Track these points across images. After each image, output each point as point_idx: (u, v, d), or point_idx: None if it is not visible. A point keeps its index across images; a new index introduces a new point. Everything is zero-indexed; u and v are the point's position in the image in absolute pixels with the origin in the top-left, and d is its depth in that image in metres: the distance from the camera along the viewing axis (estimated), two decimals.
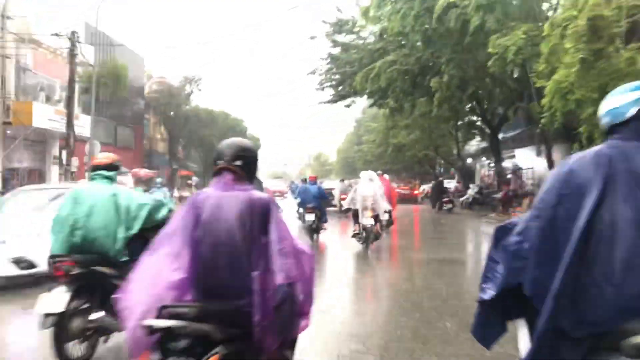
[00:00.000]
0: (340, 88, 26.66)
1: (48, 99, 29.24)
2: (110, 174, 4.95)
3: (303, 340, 3.29)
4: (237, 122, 58.26)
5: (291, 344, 3.05)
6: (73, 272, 4.47)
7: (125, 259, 4.64)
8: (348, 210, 13.21)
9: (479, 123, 28.23)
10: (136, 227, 4.74)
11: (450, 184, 45.19)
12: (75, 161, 24.89)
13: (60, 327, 4.31)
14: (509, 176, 28.02)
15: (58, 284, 4.46)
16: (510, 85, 20.11)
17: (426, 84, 21.26)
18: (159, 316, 2.61)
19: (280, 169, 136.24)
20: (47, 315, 4.23)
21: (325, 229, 14.20)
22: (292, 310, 2.81)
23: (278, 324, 2.72)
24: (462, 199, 29.34)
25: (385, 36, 22.59)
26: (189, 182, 33.28)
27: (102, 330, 4.65)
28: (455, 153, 38.17)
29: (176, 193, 38.79)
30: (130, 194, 4.94)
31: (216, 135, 53.22)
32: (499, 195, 25.21)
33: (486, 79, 20.73)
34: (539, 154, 28.73)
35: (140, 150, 46.07)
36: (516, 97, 21.22)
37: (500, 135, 27.76)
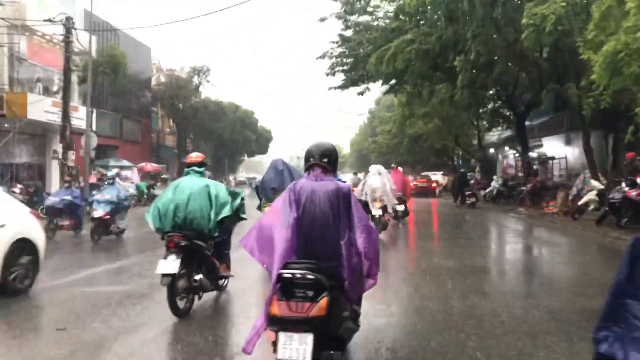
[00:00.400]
0: (352, 73, 24.66)
1: (46, 90, 27.80)
2: (201, 169, 6.43)
3: None
4: (248, 114, 56.71)
5: (359, 301, 4.40)
6: (182, 244, 5.86)
7: (216, 234, 6.25)
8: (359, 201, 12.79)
9: (502, 110, 26.10)
10: (224, 213, 6.15)
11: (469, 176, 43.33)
12: (72, 155, 23.30)
13: (173, 285, 5.69)
14: (535, 167, 26.01)
15: (169, 252, 5.83)
16: (542, 65, 18.12)
17: (448, 65, 19.39)
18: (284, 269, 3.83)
19: (293, 163, 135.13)
20: (165, 275, 5.62)
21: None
22: (364, 272, 4.08)
23: (357, 280, 4.02)
24: (485, 191, 27.37)
25: (401, 16, 20.68)
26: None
27: (199, 289, 6.17)
28: (476, 143, 36.21)
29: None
30: (218, 185, 6.37)
31: (226, 127, 51.87)
32: (527, 187, 23.24)
33: (513, 60, 18.84)
34: (568, 142, 26.68)
35: (147, 144, 44.68)
36: (547, 79, 19.22)
37: (526, 123, 25.70)
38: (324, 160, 4.24)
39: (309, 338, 3.64)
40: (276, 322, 3.72)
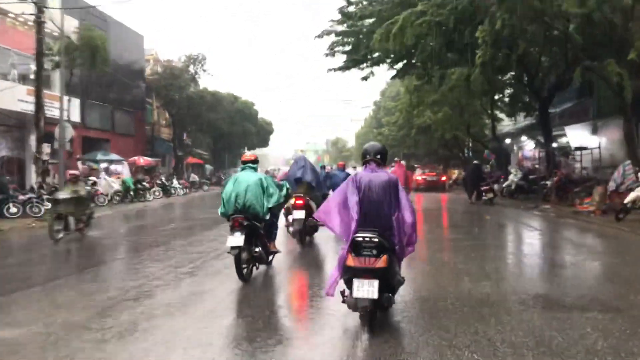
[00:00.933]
0: (354, 53, 22.00)
1: (24, 78, 25.54)
2: (255, 165, 8.26)
3: None
4: (247, 105, 54.34)
5: (400, 260, 5.73)
6: (244, 224, 7.55)
7: (267, 217, 7.99)
8: None
9: (522, 96, 23.46)
10: (273, 201, 7.92)
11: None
12: (47, 148, 21.01)
13: (239, 256, 7.41)
14: (558, 159, 23.51)
15: (234, 230, 7.49)
16: (573, 38, 15.64)
17: (464, 41, 16.92)
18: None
19: (296, 156, 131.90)
20: (233, 247, 7.36)
21: None
22: (409, 240, 5.57)
23: (404, 245, 5.51)
24: (503, 185, 24.90)
25: None
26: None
27: (258, 260, 7.98)
28: (489, 133, 33.73)
29: (176, 184, 34.63)
30: (268, 179, 8.11)
31: (225, 119, 49.58)
32: (551, 181, 20.78)
33: (540, 32, 16.38)
34: (594, 131, 24.17)
35: (141, 137, 42.41)
36: (577, 57, 16.76)
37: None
38: (377, 157, 5.76)
39: (375, 283, 5.18)
40: (351, 271, 5.29)
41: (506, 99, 27.61)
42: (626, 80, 13.99)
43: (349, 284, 5.33)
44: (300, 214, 10.81)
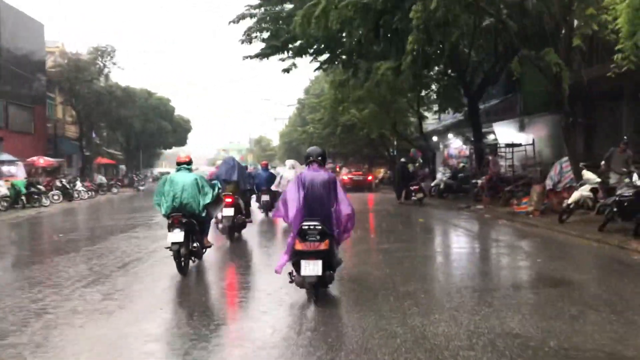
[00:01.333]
0: (274, 40, 19.95)
1: None
2: (189, 166, 8.76)
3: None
4: (163, 101, 51.14)
5: (338, 245, 6.81)
6: (183, 221, 8.04)
7: (203, 214, 8.48)
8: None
9: (452, 92, 22.38)
10: (207, 199, 8.40)
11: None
12: None
13: (179, 251, 7.93)
14: (487, 157, 22.64)
15: (174, 227, 7.96)
16: (509, 26, 14.51)
17: (395, 26, 15.48)
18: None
19: (219, 155, 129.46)
20: (173, 243, 7.90)
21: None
22: (345, 228, 6.67)
23: (341, 232, 6.63)
24: (431, 185, 23.84)
25: None
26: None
27: (194, 254, 8.57)
28: (415, 131, 32.84)
29: (79, 186, 31.23)
30: (202, 179, 8.67)
31: (138, 115, 46.34)
32: (481, 180, 19.81)
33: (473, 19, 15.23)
34: (522, 127, 23.62)
35: (42, 135, 38.42)
36: (507, 50, 15.80)
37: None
38: (318, 158, 6.87)
39: (319, 262, 6.30)
40: (299, 254, 6.38)
41: (433, 96, 26.59)
42: (564, 71, 12.95)
43: (297, 266, 6.45)
44: (229, 212, 11.53)
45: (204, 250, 8.97)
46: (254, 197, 16.80)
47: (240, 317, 6.27)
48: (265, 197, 16.63)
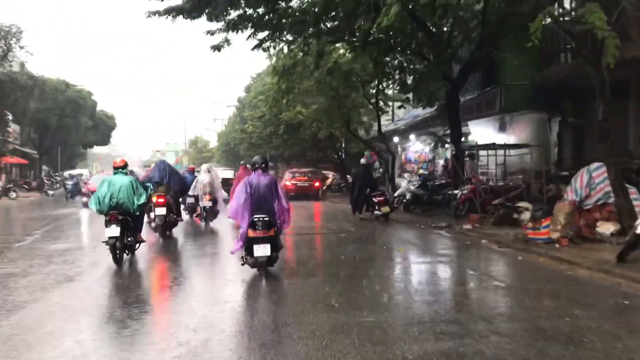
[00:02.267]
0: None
1: None
2: (125, 170, 9.86)
3: None
4: (82, 94, 44.79)
5: (280, 233, 8.66)
6: (119, 218, 9.13)
7: (137, 213, 9.70)
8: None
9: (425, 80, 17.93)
10: (141, 200, 9.59)
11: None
12: None
13: (115, 245, 9.00)
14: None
15: (110, 223, 9.07)
16: None
17: None
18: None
19: (154, 157, 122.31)
20: (110, 237, 8.95)
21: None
22: (284, 220, 8.66)
23: (282, 222, 8.64)
24: (394, 195, 19.54)
25: None
26: None
27: (129, 247, 9.64)
28: (366, 132, 28.66)
29: None
30: (137, 181, 9.96)
31: (52, 109, 40.16)
32: (463, 191, 15.65)
33: None
34: (502, 127, 19.80)
35: None
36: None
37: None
38: (262, 165, 8.76)
39: (268, 245, 8.11)
40: (251, 240, 8.12)
41: (392, 87, 22.32)
42: (612, 38, 8.82)
43: (249, 251, 8.23)
44: (161, 211, 12.67)
45: (137, 245, 10.01)
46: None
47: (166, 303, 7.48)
48: (190, 200, 16.85)
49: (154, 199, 12.18)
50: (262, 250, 8.05)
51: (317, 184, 30.51)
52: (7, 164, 43.65)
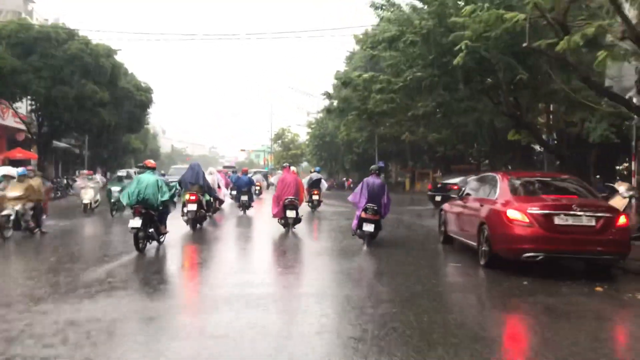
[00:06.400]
0: None
1: None
2: (154, 170, 11.00)
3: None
4: (95, 51, 27.75)
5: (382, 218, 11.90)
6: (142, 211, 10.11)
7: (161, 208, 10.59)
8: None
9: None
10: (164, 197, 10.48)
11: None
12: None
13: (137, 234, 10.05)
14: None
15: (135, 215, 10.04)
16: None
17: None
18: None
19: (237, 156, 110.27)
20: (133, 227, 9.98)
21: (252, 206, 19.69)
22: (386, 211, 11.99)
23: (384, 213, 11.88)
24: None
25: None
26: None
27: (150, 237, 10.52)
28: None
29: None
30: (162, 181, 10.87)
31: (41, 70, 24.22)
32: None
33: None
34: None
35: None
36: None
37: None
38: (377, 171, 11.98)
39: (373, 224, 11.19)
40: (362, 220, 11.19)
41: None
42: None
43: (360, 226, 11.21)
44: (192, 207, 13.75)
45: (161, 235, 11.03)
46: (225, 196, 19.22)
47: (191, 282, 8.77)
48: (244, 198, 19.04)
49: (187, 197, 13.82)
50: (369, 227, 11.11)
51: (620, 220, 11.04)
52: (7, 158, 28.48)
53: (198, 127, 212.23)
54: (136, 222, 9.99)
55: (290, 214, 13.25)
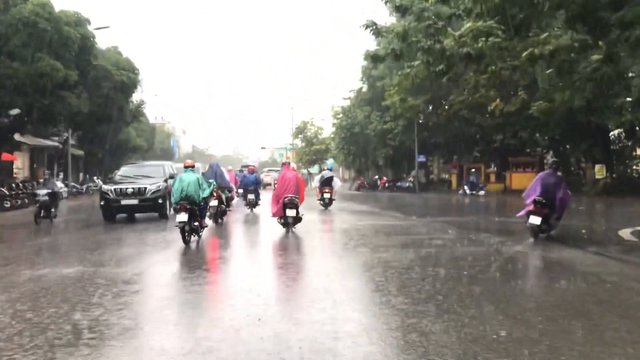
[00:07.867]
0: None
1: None
2: (194, 169, 11.57)
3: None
4: (64, 17, 21.64)
5: (553, 212, 10.53)
6: (187, 207, 10.59)
7: (202, 204, 11.28)
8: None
9: None
10: (205, 194, 11.19)
11: None
12: None
13: (183, 228, 10.55)
14: None
15: (181, 211, 10.50)
16: None
17: None
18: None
19: (260, 156, 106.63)
20: (180, 222, 10.47)
21: (259, 204, 19.86)
22: (563, 205, 10.70)
23: (561, 208, 10.77)
24: None
25: None
26: None
27: (194, 231, 11.04)
28: None
29: None
30: (202, 179, 11.63)
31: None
32: None
33: None
34: None
35: None
36: None
37: None
38: (553, 165, 11.87)
39: (540, 217, 10.24)
40: (530, 212, 10.32)
41: None
42: None
43: (528, 217, 10.55)
44: (214, 203, 14.47)
45: (202, 228, 11.59)
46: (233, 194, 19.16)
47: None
48: (250, 196, 19.42)
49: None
50: (535, 220, 10.22)
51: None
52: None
53: (220, 127, 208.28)
54: (183, 217, 10.73)
55: (290, 213, 12.43)
